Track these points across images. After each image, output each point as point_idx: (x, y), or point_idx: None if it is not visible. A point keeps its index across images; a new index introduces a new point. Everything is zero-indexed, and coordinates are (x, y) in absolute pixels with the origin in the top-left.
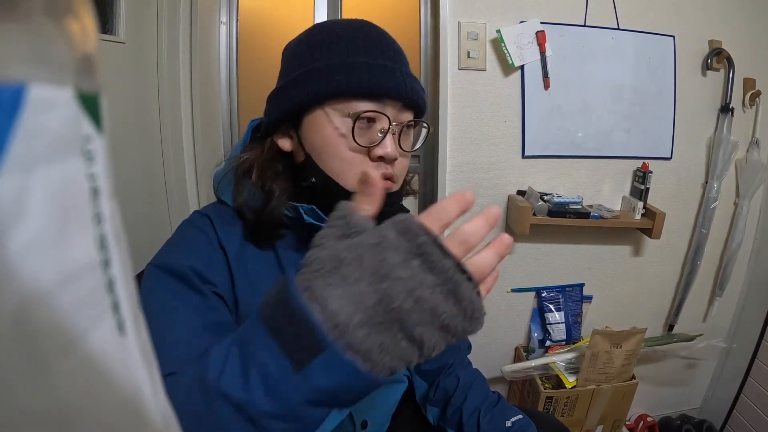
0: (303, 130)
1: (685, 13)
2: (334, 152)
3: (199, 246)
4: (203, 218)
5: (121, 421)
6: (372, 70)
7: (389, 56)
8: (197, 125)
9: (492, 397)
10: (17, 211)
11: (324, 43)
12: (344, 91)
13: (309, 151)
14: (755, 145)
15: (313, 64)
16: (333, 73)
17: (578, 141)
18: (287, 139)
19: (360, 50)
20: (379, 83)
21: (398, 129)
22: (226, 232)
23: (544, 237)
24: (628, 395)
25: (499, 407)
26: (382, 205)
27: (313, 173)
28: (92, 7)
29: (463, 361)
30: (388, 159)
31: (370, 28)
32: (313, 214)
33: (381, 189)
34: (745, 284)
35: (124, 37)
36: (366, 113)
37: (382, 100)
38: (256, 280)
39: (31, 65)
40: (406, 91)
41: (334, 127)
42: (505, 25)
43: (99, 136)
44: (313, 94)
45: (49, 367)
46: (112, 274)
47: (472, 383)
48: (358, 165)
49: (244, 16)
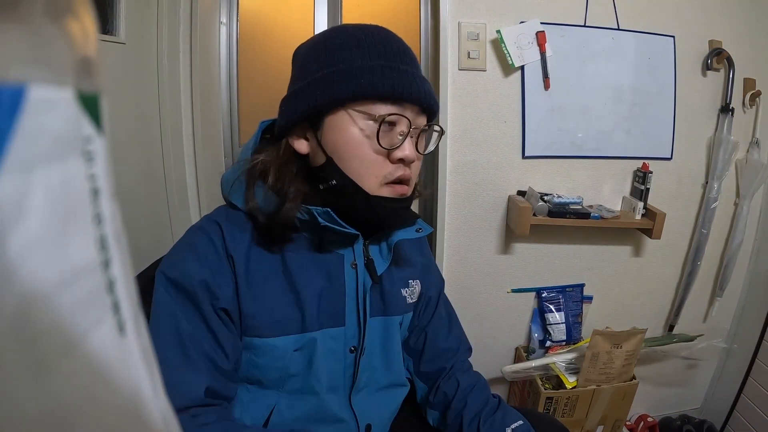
0: (324, 132)
1: (685, 13)
2: (357, 154)
3: (207, 256)
4: (213, 225)
5: (121, 422)
6: (394, 74)
7: (407, 61)
8: (197, 125)
9: (492, 402)
10: (17, 211)
11: (345, 46)
12: (369, 93)
13: (330, 153)
14: (755, 146)
15: (336, 67)
16: (357, 76)
17: (578, 141)
18: (303, 141)
19: (381, 54)
20: (401, 87)
21: (416, 132)
22: (234, 239)
23: (544, 237)
24: (629, 395)
25: (500, 413)
26: (398, 207)
27: (333, 175)
28: (92, 8)
29: (463, 363)
30: (408, 161)
31: (387, 33)
32: (328, 217)
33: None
34: (746, 284)
35: (124, 38)
36: (390, 116)
37: (403, 104)
38: (259, 287)
39: (31, 66)
40: (424, 96)
41: (360, 128)
42: (505, 25)
43: (99, 137)
44: (338, 95)
45: (49, 367)
46: (113, 275)
47: (473, 387)
48: (379, 167)
49: (244, 17)
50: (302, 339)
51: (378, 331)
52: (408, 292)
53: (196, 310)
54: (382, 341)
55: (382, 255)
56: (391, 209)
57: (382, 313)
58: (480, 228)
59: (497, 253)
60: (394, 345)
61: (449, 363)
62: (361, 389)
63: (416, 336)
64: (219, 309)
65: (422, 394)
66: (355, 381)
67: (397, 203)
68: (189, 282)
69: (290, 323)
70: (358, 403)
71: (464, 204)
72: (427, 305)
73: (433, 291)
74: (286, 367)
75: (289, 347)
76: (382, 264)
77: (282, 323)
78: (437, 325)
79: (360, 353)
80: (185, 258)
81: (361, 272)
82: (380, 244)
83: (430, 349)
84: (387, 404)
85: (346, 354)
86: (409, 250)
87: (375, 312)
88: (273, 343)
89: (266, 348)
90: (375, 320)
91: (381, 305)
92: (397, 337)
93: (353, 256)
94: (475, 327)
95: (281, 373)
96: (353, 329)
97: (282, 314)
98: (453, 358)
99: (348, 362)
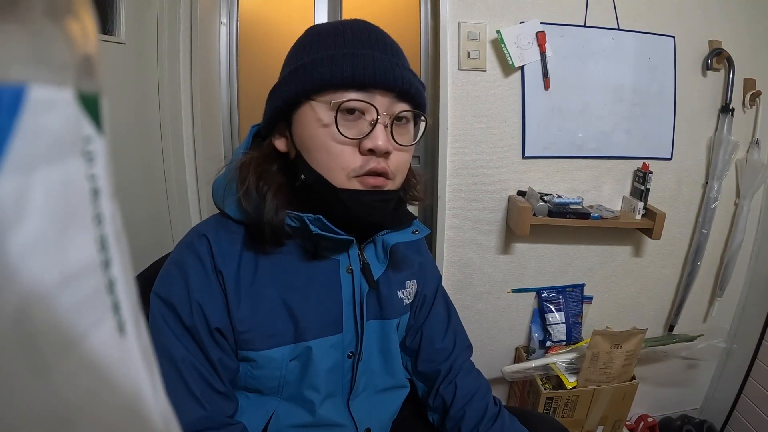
0: (294, 127)
1: (685, 13)
2: (321, 146)
3: (197, 276)
4: (201, 240)
5: (121, 422)
6: (356, 59)
7: (381, 48)
8: (197, 125)
9: (492, 410)
10: (17, 211)
11: (311, 41)
12: (327, 82)
13: (299, 147)
14: (755, 146)
15: (301, 61)
16: (317, 66)
17: (578, 141)
18: (283, 140)
19: (346, 43)
20: (364, 72)
21: (390, 121)
22: (223, 253)
23: (544, 237)
24: (629, 396)
25: (498, 425)
26: (373, 201)
27: (303, 170)
28: (92, 8)
29: (464, 364)
30: (379, 152)
31: (360, 25)
32: (320, 224)
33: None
34: (746, 284)
35: (124, 38)
36: (349, 102)
37: (370, 91)
38: (251, 301)
39: (31, 66)
40: (395, 80)
41: (318, 118)
42: (505, 25)
43: (99, 137)
44: (300, 87)
45: (49, 367)
46: (113, 275)
47: (473, 395)
48: (347, 159)
49: (244, 17)
50: (297, 348)
51: (375, 335)
52: (405, 294)
53: (189, 333)
54: (380, 344)
55: (378, 258)
56: (366, 203)
57: (378, 316)
58: (480, 228)
59: (497, 253)
60: (392, 347)
61: (446, 364)
62: (359, 393)
63: (412, 335)
64: (213, 329)
65: (422, 393)
66: (353, 386)
67: (372, 197)
68: (180, 304)
69: (283, 335)
70: (357, 408)
71: (464, 204)
72: (423, 304)
73: (429, 289)
74: (283, 376)
75: (286, 357)
76: (379, 268)
77: (275, 336)
78: (433, 324)
79: (358, 358)
80: (175, 279)
81: (357, 277)
82: (376, 247)
83: (425, 349)
84: (387, 407)
85: (344, 360)
86: (406, 249)
87: (372, 315)
88: (269, 355)
89: (262, 360)
90: (372, 323)
91: (377, 308)
92: (394, 339)
93: (349, 260)
94: (475, 327)
95: (279, 381)
96: (350, 335)
97: (275, 327)
98: (449, 358)
99: (346, 368)
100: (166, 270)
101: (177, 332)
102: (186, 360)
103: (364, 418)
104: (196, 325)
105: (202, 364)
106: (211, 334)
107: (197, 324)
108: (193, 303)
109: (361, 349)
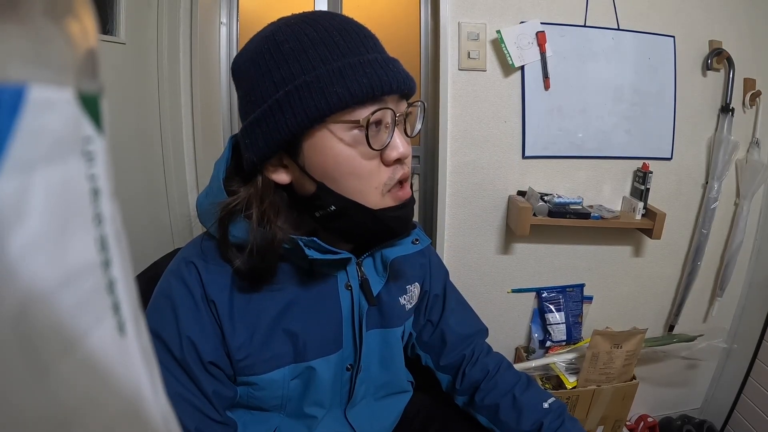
0: (305, 157)
1: (685, 13)
2: (350, 171)
3: (187, 309)
4: (189, 268)
5: (121, 422)
6: (366, 68)
7: (371, 45)
8: (197, 125)
9: (523, 378)
10: (18, 211)
11: (298, 50)
12: (347, 101)
13: (321, 178)
14: (755, 146)
15: (298, 80)
16: (328, 85)
17: (578, 141)
18: (282, 171)
19: (344, 50)
20: (380, 82)
21: (402, 119)
22: (213, 281)
23: (544, 237)
24: (629, 396)
25: (534, 389)
26: (406, 213)
27: (330, 201)
28: (92, 8)
29: (483, 346)
30: (404, 158)
31: (338, 20)
32: (316, 245)
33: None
34: (746, 285)
35: (124, 38)
36: (374, 114)
37: (384, 97)
38: (246, 327)
39: (31, 66)
40: (404, 81)
41: (345, 142)
42: (505, 25)
43: (99, 137)
44: (313, 113)
45: (49, 368)
46: (113, 275)
47: (499, 367)
48: (376, 177)
49: (244, 17)
50: (297, 368)
51: (376, 344)
52: (407, 299)
53: (180, 366)
54: (381, 353)
55: (378, 271)
56: (402, 217)
57: (380, 326)
58: (480, 228)
59: (497, 253)
60: (395, 355)
61: (469, 349)
62: (357, 403)
63: (429, 332)
64: (207, 363)
65: (447, 384)
66: (351, 396)
67: (405, 210)
68: (170, 339)
69: (283, 356)
70: (355, 416)
71: (464, 204)
72: (435, 302)
73: (438, 288)
74: (286, 394)
75: (287, 377)
76: (378, 282)
77: (275, 358)
78: (451, 318)
79: (356, 370)
80: (164, 311)
81: (356, 293)
82: (375, 260)
83: (451, 342)
84: (387, 413)
85: (343, 372)
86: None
87: (372, 325)
88: (270, 377)
89: (263, 382)
90: (372, 333)
91: (379, 318)
92: (398, 346)
93: (347, 276)
94: None
95: (282, 400)
96: (349, 349)
97: (274, 350)
98: (471, 344)
99: (344, 380)
100: (155, 301)
101: (169, 366)
102: (179, 396)
103: (364, 426)
104: (187, 360)
105: (196, 396)
106: (204, 367)
107: (188, 359)
108: (183, 338)
109: (360, 361)
